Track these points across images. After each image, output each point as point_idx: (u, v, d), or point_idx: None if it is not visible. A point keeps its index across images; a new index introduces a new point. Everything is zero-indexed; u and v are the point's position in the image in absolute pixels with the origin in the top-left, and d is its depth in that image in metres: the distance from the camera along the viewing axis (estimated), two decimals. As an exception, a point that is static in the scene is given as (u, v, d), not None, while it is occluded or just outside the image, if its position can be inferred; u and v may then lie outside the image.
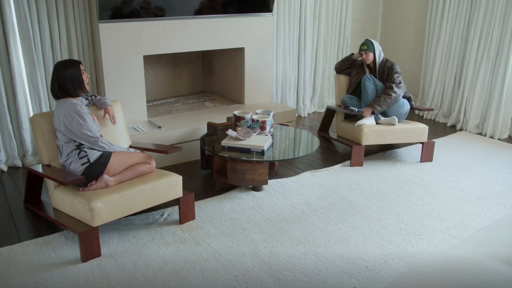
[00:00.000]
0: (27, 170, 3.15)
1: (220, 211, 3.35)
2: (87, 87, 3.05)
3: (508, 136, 5.10)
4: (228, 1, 4.65)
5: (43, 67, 4.08)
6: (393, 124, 4.21)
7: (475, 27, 5.12)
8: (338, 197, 3.59)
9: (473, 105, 5.22)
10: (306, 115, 5.95)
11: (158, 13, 4.27)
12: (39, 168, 3.00)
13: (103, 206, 2.74)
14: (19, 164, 4.15)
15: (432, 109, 4.99)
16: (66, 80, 2.92)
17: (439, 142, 4.82)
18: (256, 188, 3.69)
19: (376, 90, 4.28)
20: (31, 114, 4.07)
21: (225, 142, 3.58)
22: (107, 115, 3.24)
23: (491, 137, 5.09)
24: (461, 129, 5.38)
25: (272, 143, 3.75)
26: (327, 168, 4.17)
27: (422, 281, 1.47)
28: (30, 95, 4.08)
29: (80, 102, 3.00)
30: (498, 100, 5.00)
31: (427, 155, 4.32)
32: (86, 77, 3.01)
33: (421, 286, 1.44)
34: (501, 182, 3.89)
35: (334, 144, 4.86)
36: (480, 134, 5.21)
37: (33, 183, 3.27)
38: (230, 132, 3.66)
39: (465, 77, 5.30)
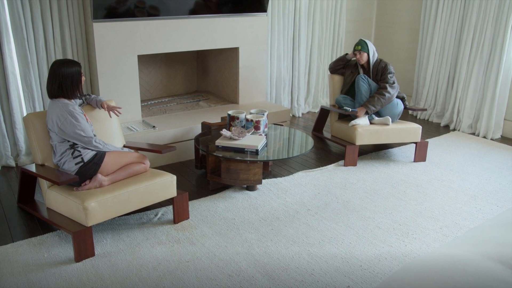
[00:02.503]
0: (20, 170, 3.14)
1: (214, 211, 3.36)
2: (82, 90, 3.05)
3: (501, 136, 5.14)
4: (223, 1, 4.65)
5: (37, 66, 4.06)
6: (387, 124, 4.23)
7: (468, 27, 5.15)
8: (332, 197, 3.60)
9: (466, 105, 5.25)
10: (300, 115, 5.96)
11: (152, 12, 4.26)
12: (32, 168, 2.99)
13: (97, 205, 2.74)
14: (13, 164, 4.13)
15: (426, 109, 5.02)
16: (67, 80, 2.90)
17: (432, 142, 4.85)
18: (250, 187, 3.70)
19: (370, 90, 4.30)
20: (25, 114, 4.05)
21: (219, 142, 3.58)
22: (111, 112, 3.21)
23: (484, 137, 5.12)
24: (454, 129, 5.41)
25: (266, 143, 3.75)
26: (321, 168, 4.18)
27: (415, 280, 1.48)
28: (24, 94, 4.06)
29: (72, 102, 2.99)
30: (491, 100, 5.03)
31: (420, 155, 4.34)
32: (82, 80, 3.00)
33: (414, 285, 1.45)
34: (494, 182, 3.92)
35: (328, 144, 4.87)
36: (473, 134, 5.24)
37: (27, 183, 3.26)
38: (224, 131, 3.66)
39: (459, 77, 5.33)
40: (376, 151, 4.62)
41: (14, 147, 4.17)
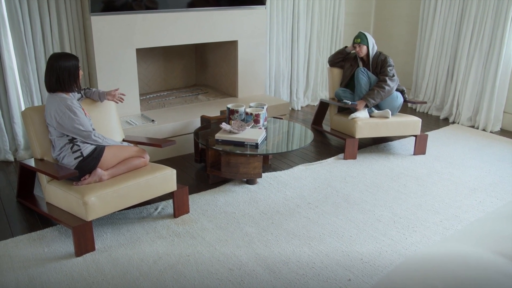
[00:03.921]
0: (19, 165, 3.13)
1: (214, 205, 3.35)
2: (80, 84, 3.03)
3: (500, 129, 5.14)
4: (221, -7, 4.63)
5: (35, 60, 4.04)
6: (387, 117, 4.22)
7: (467, 20, 5.13)
8: (332, 190, 3.60)
9: (466, 98, 5.24)
10: (300, 108, 5.95)
11: (150, 5, 4.23)
12: (31, 163, 2.98)
13: (97, 200, 2.73)
14: (11, 158, 4.11)
15: (425, 102, 5.01)
16: (65, 73, 2.88)
17: (432, 135, 4.84)
18: (250, 181, 3.69)
19: (369, 83, 4.29)
20: (23, 108, 4.04)
21: (219, 136, 3.57)
22: (116, 100, 3.26)
23: (484, 129, 5.12)
24: (453, 122, 5.40)
25: (266, 136, 3.74)
26: (320, 161, 4.17)
27: (417, 273, 1.48)
28: (22, 88, 4.04)
29: (71, 97, 2.96)
30: (490, 93, 5.02)
31: (420, 148, 4.33)
32: (80, 74, 2.98)
33: (416, 279, 1.44)
34: (494, 174, 3.92)
35: (328, 137, 4.87)
36: (473, 127, 5.24)
37: (26, 177, 3.25)
38: (224, 125, 3.65)
39: (458, 70, 5.32)
40: (375, 144, 4.62)
41: (13, 142, 4.15)
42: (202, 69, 5.67)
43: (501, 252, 1.44)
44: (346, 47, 4.59)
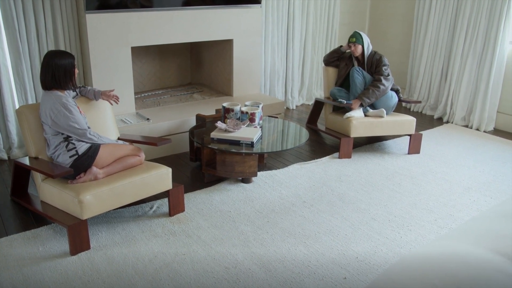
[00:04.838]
0: (14, 163, 3.11)
1: (209, 203, 3.35)
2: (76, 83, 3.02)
3: (494, 128, 5.17)
4: (217, -8, 4.62)
5: (29, 58, 4.01)
6: (381, 116, 4.24)
7: (462, 20, 5.15)
8: (327, 189, 3.60)
9: (460, 97, 5.27)
10: (294, 107, 5.95)
11: (145, 4, 4.22)
12: (26, 161, 2.96)
13: (92, 198, 2.72)
14: (5, 157, 4.08)
15: (420, 102, 5.03)
16: (60, 71, 2.87)
17: (426, 134, 4.86)
18: (246, 180, 3.69)
19: (364, 82, 4.30)
20: (17, 106, 4.01)
21: (214, 134, 3.57)
22: (111, 101, 3.24)
23: (477, 129, 5.15)
24: (447, 122, 5.43)
25: (261, 135, 3.74)
26: (315, 160, 4.18)
27: (415, 272, 1.48)
28: (16, 86, 4.01)
29: (66, 95, 2.95)
30: (484, 93, 5.05)
31: (414, 147, 4.35)
32: (76, 72, 2.97)
33: (414, 277, 1.45)
34: (487, 174, 3.94)
35: (323, 136, 4.87)
36: (466, 126, 5.27)
37: (20, 176, 3.22)
38: (220, 124, 3.64)
39: (452, 70, 5.35)
40: (370, 144, 4.63)
41: (7, 140, 4.12)
42: (197, 67, 5.66)
43: (498, 250, 1.45)
44: (341, 46, 4.60)
